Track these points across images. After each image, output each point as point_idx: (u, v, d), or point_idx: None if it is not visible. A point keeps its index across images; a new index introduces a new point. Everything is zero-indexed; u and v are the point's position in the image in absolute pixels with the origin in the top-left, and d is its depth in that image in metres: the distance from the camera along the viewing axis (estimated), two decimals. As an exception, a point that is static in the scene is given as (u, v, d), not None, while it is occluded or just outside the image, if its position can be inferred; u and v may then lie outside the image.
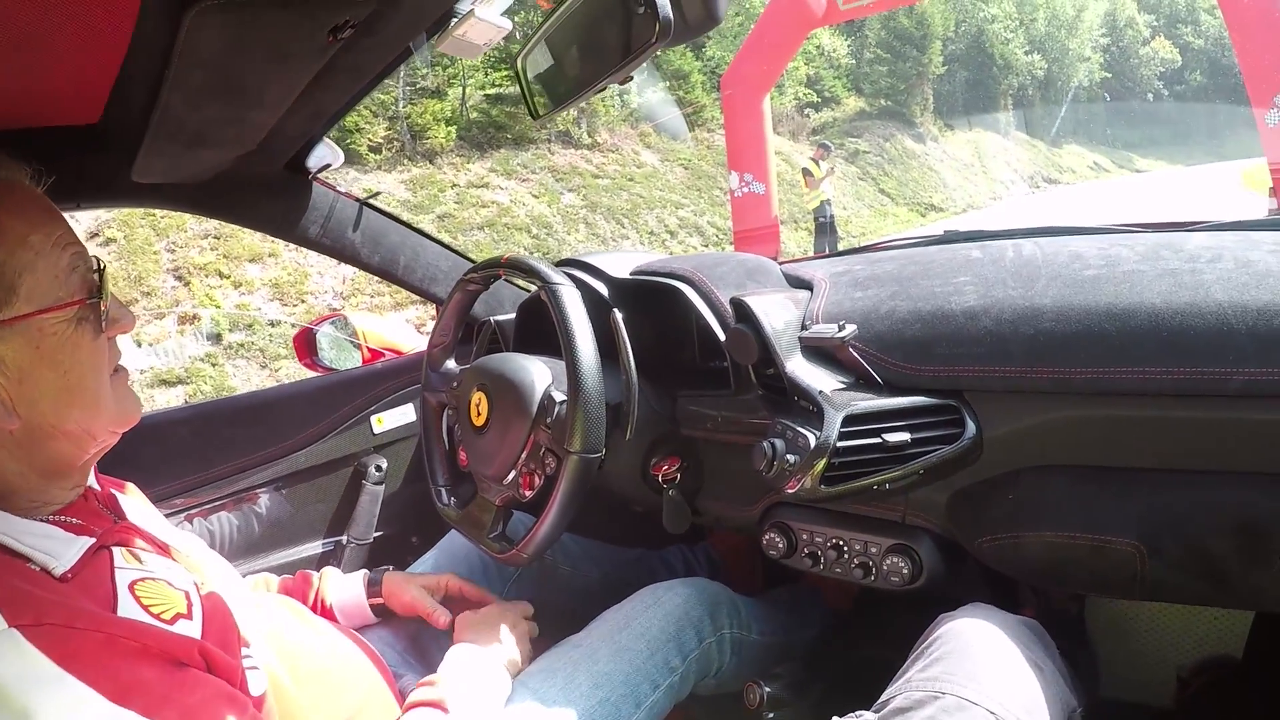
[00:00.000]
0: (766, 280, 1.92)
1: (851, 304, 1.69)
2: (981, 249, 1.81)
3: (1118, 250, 1.57)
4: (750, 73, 13.61)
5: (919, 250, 2.02)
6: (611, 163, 18.21)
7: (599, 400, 1.61)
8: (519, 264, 1.80)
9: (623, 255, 2.09)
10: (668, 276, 1.89)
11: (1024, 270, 1.59)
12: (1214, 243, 1.51)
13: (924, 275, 1.72)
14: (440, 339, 2.06)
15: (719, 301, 1.78)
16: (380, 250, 2.46)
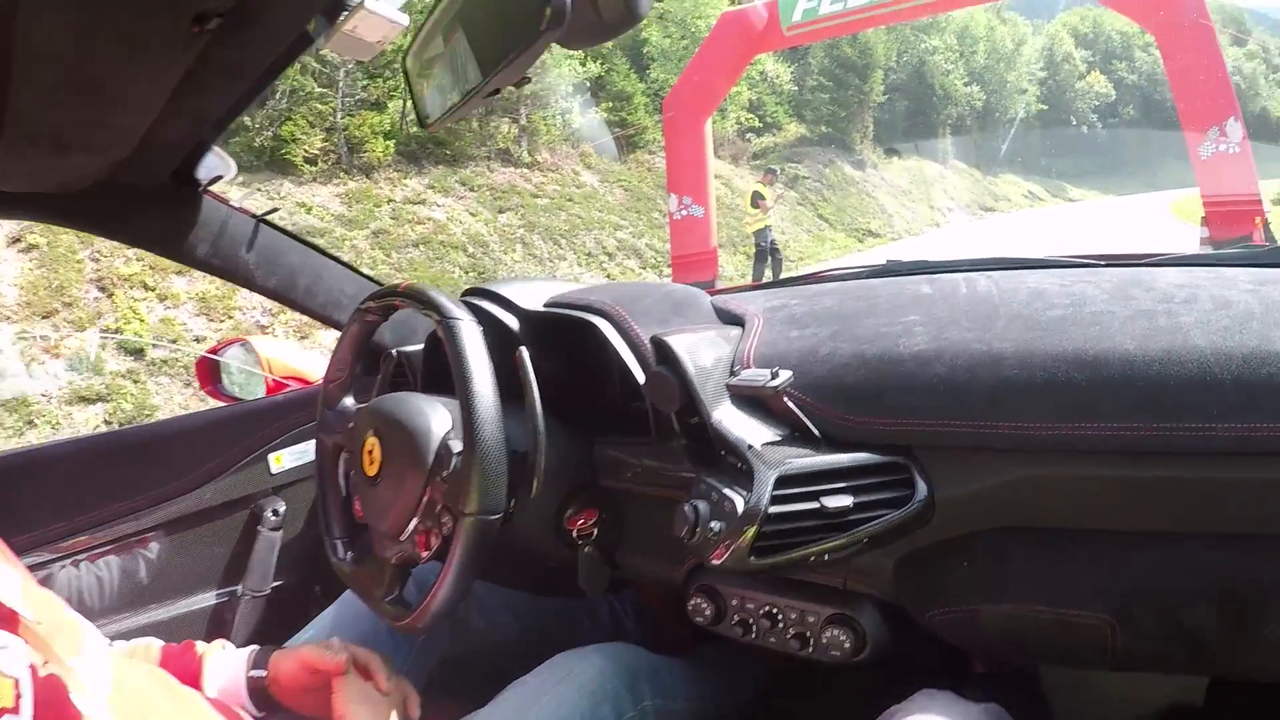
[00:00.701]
0: (694, 315, 1.76)
1: (787, 345, 1.54)
2: (931, 284, 1.68)
3: (1082, 288, 1.46)
4: (693, 96, 13.67)
5: (862, 283, 1.90)
6: (551, 182, 18.11)
7: (498, 455, 1.41)
8: (416, 293, 1.61)
9: (537, 284, 1.92)
10: (583, 310, 1.72)
11: (979, 309, 1.47)
12: (1187, 280, 1.41)
13: (868, 313, 1.58)
14: (336, 374, 1.86)
15: (639, 339, 1.61)
16: (278, 272, 2.23)
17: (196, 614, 2.22)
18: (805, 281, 2.29)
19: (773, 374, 1.41)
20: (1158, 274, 1.47)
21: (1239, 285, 1.33)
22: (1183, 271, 1.50)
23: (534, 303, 1.83)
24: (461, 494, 1.42)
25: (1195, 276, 1.43)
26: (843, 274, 2.24)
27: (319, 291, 2.31)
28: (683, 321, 1.70)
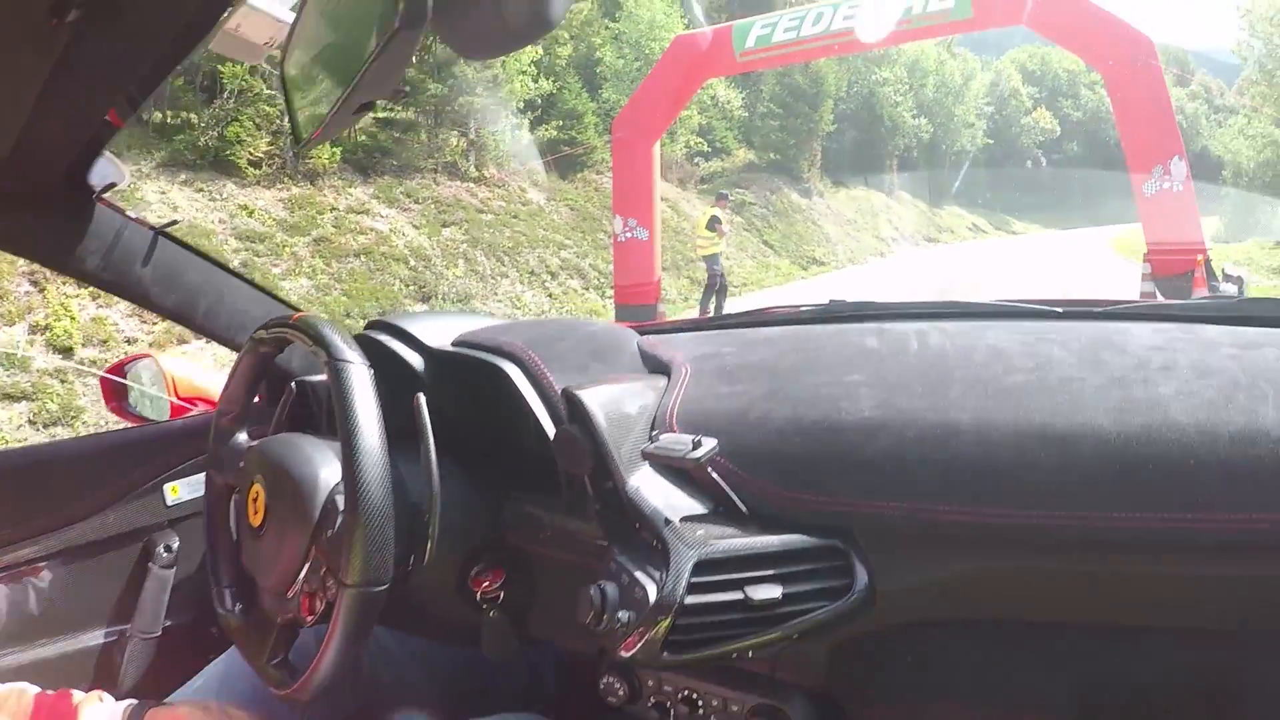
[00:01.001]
0: (616, 361, 1.63)
1: (715, 403, 1.39)
2: (879, 335, 1.53)
3: (1047, 348, 1.33)
4: (642, 118, 13.71)
5: (802, 330, 1.75)
6: (497, 198, 18.04)
7: (383, 520, 1.23)
8: (306, 327, 1.43)
9: (447, 320, 1.78)
10: (493, 353, 1.56)
11: (932, 370, 1.33)
12: (1163, 342, 1.30)
13: (808, 368, 1.44)
14: (228, 407, 1.67)
15: (551, 389, 1.46)
16: (176, 290, 2.03)
17: (84, 653, 2.04)
18: (743, 322, 2.10)
19: (694, 443, 1.23)
20: (1129, 333, 1.36)
21: (1220, 350, 1.24)
22: (1156, 331, 1.38)
23: (442, 340, 1.70)
24: (343, 561, 1.25)
25: (1171, 338, 1.32)
26: (783, 316, 2.08)
27: (221, 313, 2.12)
28: (603, 369, 1.58)
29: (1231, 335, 1.30)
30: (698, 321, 2.42)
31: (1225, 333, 1.33)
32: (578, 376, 1.49)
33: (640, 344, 1.73)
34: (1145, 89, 11.08)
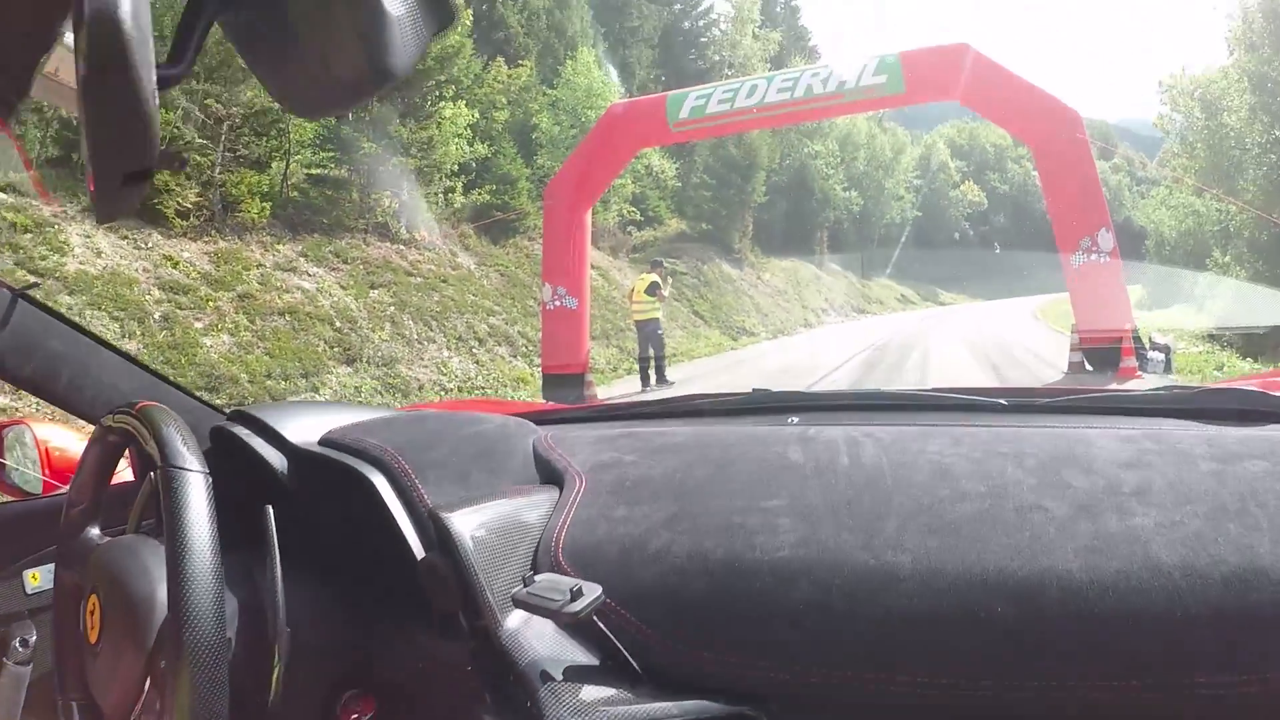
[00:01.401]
0: (502, 468, 1.49)
1: (609, 529, 1.24)
2: (803, 445, 1.36)
3: (1001, 466, 1.17)
4: (575, 185, 13.82)
5: (717, 434, 1.55)
6: (427, 261, 17.92)
7: (213, 655, 1.01)
8: (146, 420, 1.22)
9: (321, 411, 1.61)
10: (359, 457, 1.39)
11: (866, 496, 1.17)
12: (1132, 455, 1.15)
13: (719, 487, 1.27)
14: (78, 498, 1.45)
15: (421, 504, 1.30)
16: (35, 358, 1.82)
17: None
18: (660, 411, 2.03)
19: (573, 590, 1.06)
20: (1093, 443, 1.21)
21: (1198, 464, 1.10)
22: (1123, 440, 1.22)
23: (309, 436, 1.52)
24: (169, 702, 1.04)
25: (1141, 450, 1.17)
26: (704, 405, 1.98)
27: (86, 385, 1.89)
28: (486, 479, 1.43)
29: (1208, 442, 1.18)
30: (612, 408, 2.30)
31: (1200, 440, 1.20)
32: (454, 489, 1.37)
33: (536, 444, 1.60)
34: (1073, 162, 11.37)
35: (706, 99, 13.05)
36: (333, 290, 14.62)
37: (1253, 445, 1.15)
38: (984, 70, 11.65)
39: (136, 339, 10.64)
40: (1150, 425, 1.37)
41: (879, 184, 52.92)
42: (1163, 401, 1.51)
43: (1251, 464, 1.09)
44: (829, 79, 12.44)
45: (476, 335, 16.47)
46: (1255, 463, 1.09)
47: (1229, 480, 1.06)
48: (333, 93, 0.79)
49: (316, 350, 12.77)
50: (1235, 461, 1.10)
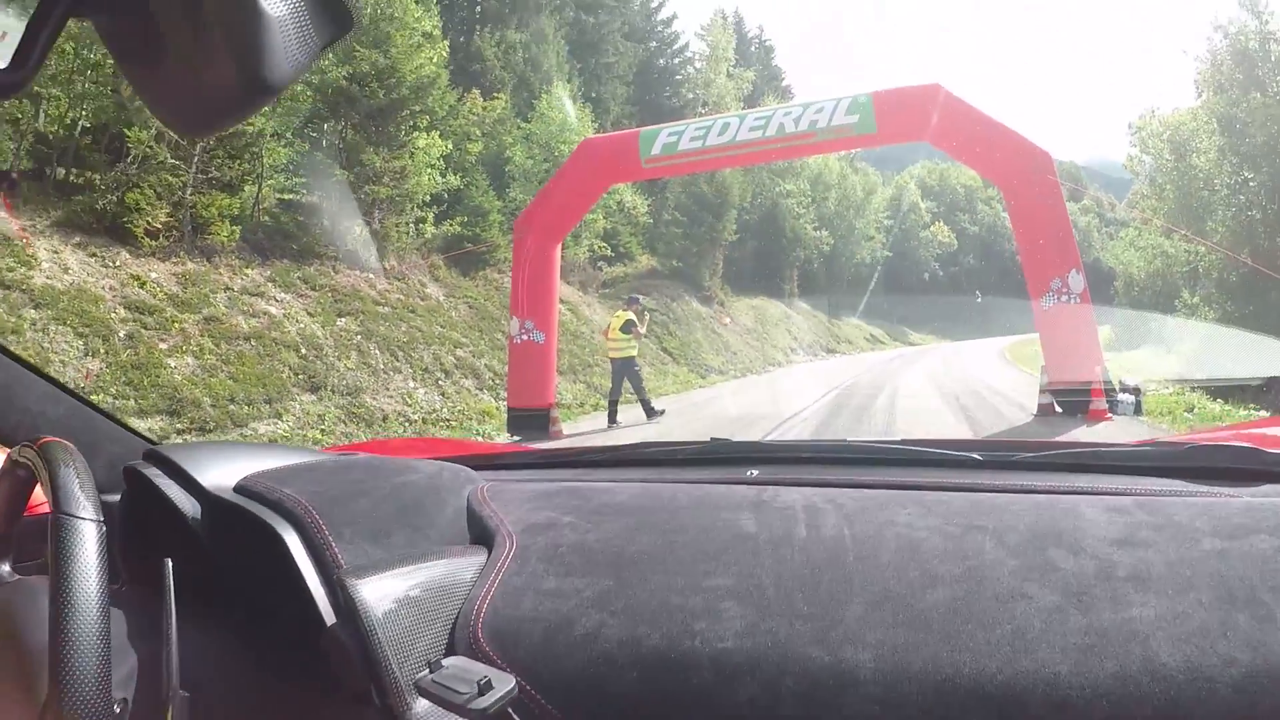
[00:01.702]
0: (430, 525, 1.36)
1: (534, 605, 1.12)
2: (757, 512, 1.23)
3: (978, 542, 1.06)
4: (545, 219, 13.78)
5: (665, 495, 1.40)
6: (396, 290, 17.87)
7: None
8: (47, 458, 1.11)
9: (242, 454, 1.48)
10: (271, 508, 1.28)
11: (824, 576, 1.05)
12: (1124, 530, 1.03)
13: (661, 560, 1.16)
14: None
15: (334, 564, 1.20)
16: None
17: None
18: (612, 459, 1.96)
19: (481, 684, 0.97)
20: (1081, 516, 1.09)
21: (1199, 540, 0.99)
22: (1113, 511, 1.10)
23: (225, 481, 1.38)
24: None
25: (1133, 523, 1.06)
26: (658, 454, 1.89)
27: (10, 411, 1.73)
28: (408, 536, 1.32)
29: (1207, 514, 1.06)
30: (563, 453, 2.16)
31: (1198, 510, 1.08)
32: (372, 548, 1.26)
33: (470, 498, 1.48)
34: (1043, 203, 11.37)
35: (679, 136, 12.99)
36: (300, 316, 14.54)
37: (1259, 517, 1.04)
38: (955, 111, 11.69)
39: (100, 357, 10.55)
40: (1139, 485, 1.31)
41: (850, 224, 53.19)
42: (1150, 459, 1.43)
43: (1259, 540, 0.97)
44: (801, 118, 12.37)
45: (443, 367, 16.40)
46: (1263, 539, 0.98)
47: (1235, 561, 0.94)
48: (206, 106, 0.73)
49: (281, 377, 12.68)
50: (1240, 537, 0.99)
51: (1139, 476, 1.35)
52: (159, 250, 13.48)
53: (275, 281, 15.00)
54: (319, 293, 15.55)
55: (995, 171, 12.46)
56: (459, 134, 22.94)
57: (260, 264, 15.23)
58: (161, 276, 13.10)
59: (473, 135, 24.34)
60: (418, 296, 18.42)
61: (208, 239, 14.40)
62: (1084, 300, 11.13)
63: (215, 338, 12.57)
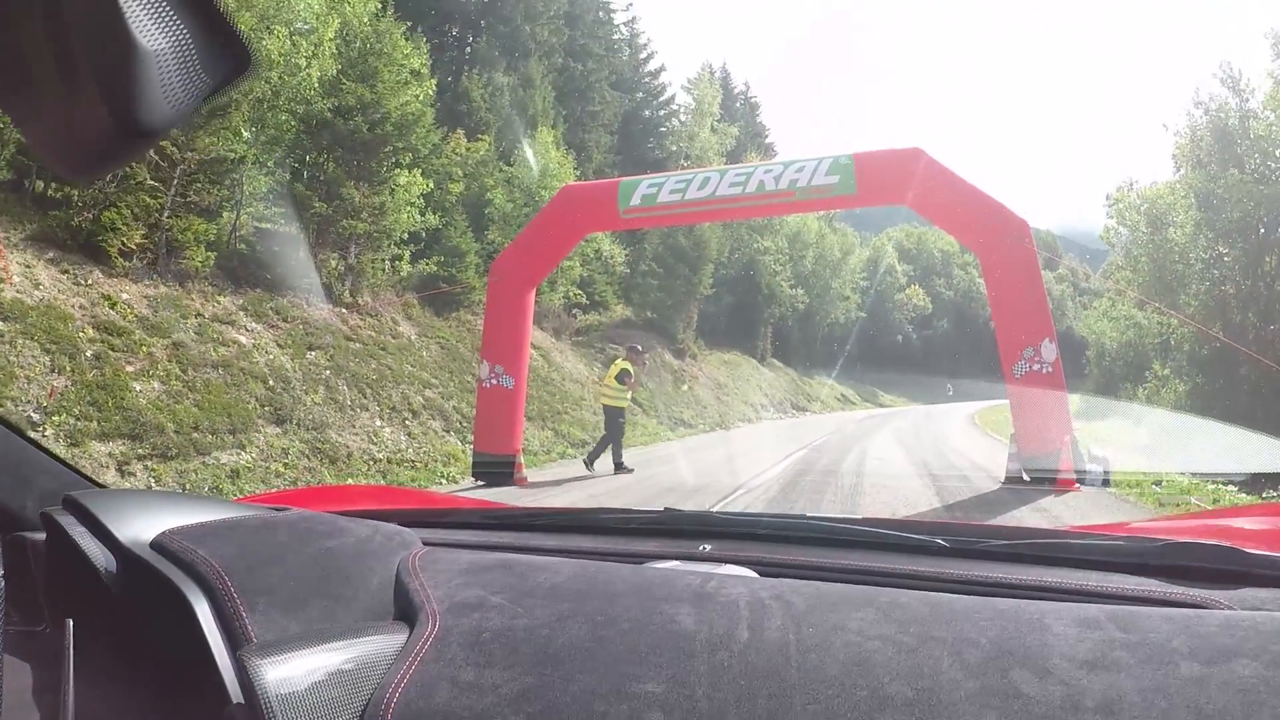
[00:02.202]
0: (353, 595, 1.28)
1: (449, 700, 1.03)
2: (698, 607, 1.14)
3: (935, 658, 0.97)
4: (521, 264, 13.79)
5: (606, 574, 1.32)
6: (368, 327, 17.79)
7: None
8: None
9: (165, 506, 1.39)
10: (185, 569, 1.21)
11: (762, 691, 0.96)
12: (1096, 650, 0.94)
13: (590, 655, 1.07)
14: None
15: (244, 636, 1.13)
16: None
17: None
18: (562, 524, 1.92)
19: None
20: (1048, 630, 1.00)
21: (1178, 665, 0.91)
22: (1084, 626, 1.01)
23: (142, 534, 1.30)
24: None
25: (1106, 640, 0.97)
26: (609, 521, 1.87)
27: None
28: (327, 607, 1.24)
29: (1186, 631, 0.98)
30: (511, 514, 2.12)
31: (1177, 627, 1.00)
32: (286, 620, 1.18)
33: (401, 568, 1.37)
34: (1019, 271, 11.44)
35: (658, 188, 13.01)
36: (269, 347, 14.43)
37: (1240, 636, 0.96)
38: (935, 176, 11.74)
39: (66, 375, 10.40)
40: (1111, 583, 1.27)
41: (826, 283, 53.61)
42: (1122, 554, 1.39)
43: (1241, 666, 0.90)
44: (781, 176, 12.43)
45: (411, 407, 16.30)
46: (1245, 664, 0.90)
47: (1215, 690, 0.87)
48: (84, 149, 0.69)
49: (247, 407, 12.55)
50: (1222, 662, 0.91)
51: (1110, 573, 1.32)
52: (132, 271, 13.36)
53: (247, 310, 14.89)
54: (290, 324, 15.45)
55: (972, 237, 12.50)
56: (441, 173, 23.02)
57: (233, 292, 15.12)
58: (133, 298, 12.97)
59: (454, 175, 24.43)
60: (390, 334, 18.35)
61: (182, 263, 14.27)
62: (1056, 369, 11.17)
63: (183, 364, 12.43)
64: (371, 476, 13.47)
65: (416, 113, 19.16)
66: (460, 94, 30.23)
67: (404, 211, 19.02)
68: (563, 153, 28.47)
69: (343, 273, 17.97)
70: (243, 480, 11.15)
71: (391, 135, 18.42)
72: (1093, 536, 1.58)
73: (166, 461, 10.55)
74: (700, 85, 44.53)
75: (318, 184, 17.65)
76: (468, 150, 26.58)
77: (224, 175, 15.24)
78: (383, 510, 1.86)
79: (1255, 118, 24.32)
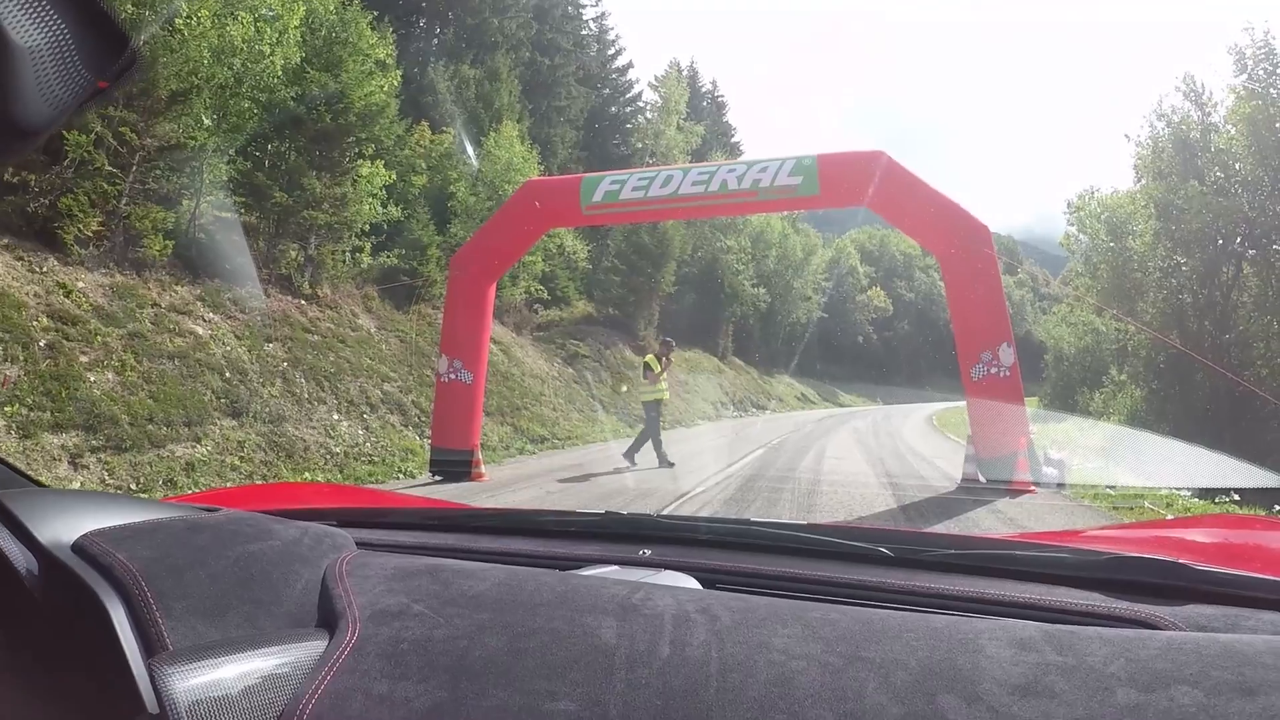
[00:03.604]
0: (274, 601, 1.25)
1: (360, 713, 1.01)
2: (621, 620, 1.12)
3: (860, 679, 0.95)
4: (482, 258, 13.71)
5: (532, 582, 1.29)
6: (327, 319, 17.64)
7: None
8: None
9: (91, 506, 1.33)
10: (102, 571, 1.17)
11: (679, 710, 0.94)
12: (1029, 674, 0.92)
13: (506, 669, 1.04)
14: None
15: (159, 643, 1.10)
16: None
17: None
18: (500, 526, 1.89)
19: None
20: (982, 651, 0.98)
21: (1113, 690, 0.89)
22: (1020, 649, 0.98)
23: (65, 536, 1.24)
24: None
25: (1041, 664, 0.94)
26: (548, 522, 1.87)
27: None
28: (248, 612, 1.21)
29: (1125, 656, 0.95)
30: (450, 514, 2.07)
31: (1115, 651, 0.96)
32: (203, 626, 1.15)
33: (328, 572, 1.33)
34: (979, 275, 11.53)
35: (621, 185, 12.99)
36: (227, 338, 14.28)
37: (1180, 661, 0.93)
38: (897, 179, 11.82)
39: (18, 364, 10.24)
40: (1054, 597, 1.27)
41: (788, 283, 53.83)
42: (1066, 567, 1.38)
43: (1180, 693, 0.88)
44: (745, 176, 12.48)
45: (369, 400, 16.22)
46: (1184, 691, 0.88)
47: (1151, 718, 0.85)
48: None
49: (203, 399, 12.42)
50: (1160, 689, 0.88)
51: (1053, 585, 1.31)
52: (88, 259, 13.16)
53: (204, 301, 14.70)
54: (248, 315, 15.30)
55: (933, 241, 12.61)
56: (404, 165, 22.86)
57: (191, 281, 14.90)
58: (89, 287, 12.77)
59: (418, 168, 24.27)
60: (349, 327, 18.23)
61: (139, 252, 14.05)
62: (1013, 373, 11.27)
63: (138, 354, 12.26)
64: (329, 471, 13.39)
65: (381, 103, 18.98)
66: (426, 85, 30.05)
67: (366, 203, 18.90)
68: (527, 147, 28.37)
69: (302, 264, 17.80)
70: (198, 473, 11.06)
71: (355, 126, 18.26)
72: (1039, 547, 1.57)
73: (121, 454, 10.45)
74: (668, 83, 44.52)
75: (279, 173, 17.44)
76: (432, 143, 26.45)
77: (184, 163, 15.09)
78: (320, 510, 1.85)
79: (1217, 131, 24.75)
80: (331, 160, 18.25)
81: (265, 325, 15.50)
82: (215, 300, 14.92)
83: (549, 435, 20.66)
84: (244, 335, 14.70)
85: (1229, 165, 24.40)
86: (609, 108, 49.16)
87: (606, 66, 50.21)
